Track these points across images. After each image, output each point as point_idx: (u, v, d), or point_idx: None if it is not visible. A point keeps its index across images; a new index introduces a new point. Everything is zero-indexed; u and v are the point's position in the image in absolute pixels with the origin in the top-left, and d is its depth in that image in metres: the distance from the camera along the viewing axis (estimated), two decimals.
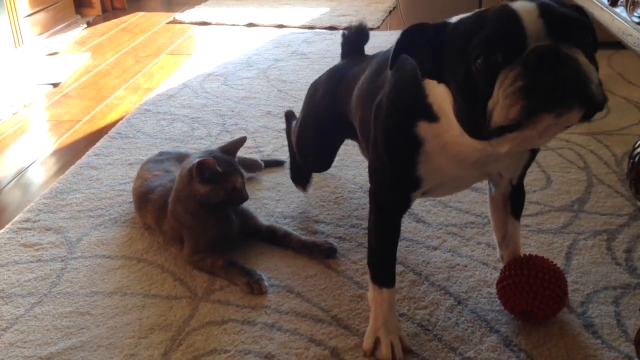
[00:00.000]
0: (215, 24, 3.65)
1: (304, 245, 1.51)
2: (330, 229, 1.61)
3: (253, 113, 2.33)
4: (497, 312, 1.30)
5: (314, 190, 1.78)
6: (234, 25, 3.60)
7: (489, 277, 1.40)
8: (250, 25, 3.58)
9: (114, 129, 2.23)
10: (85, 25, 3.68)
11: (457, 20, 0.94)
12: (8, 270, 1.49)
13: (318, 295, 1.37)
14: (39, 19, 3.33)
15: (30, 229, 1.65)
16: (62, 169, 2.00)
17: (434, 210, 1.67)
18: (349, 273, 1.44)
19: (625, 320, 1.26)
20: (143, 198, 1.60)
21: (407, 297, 1.36)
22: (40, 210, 1.73)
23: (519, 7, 0.86)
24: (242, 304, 1.36)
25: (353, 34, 1.56)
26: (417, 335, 1.25)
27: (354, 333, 1.26)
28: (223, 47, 3.18)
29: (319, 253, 1.50)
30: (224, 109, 2.37)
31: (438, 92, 0.98)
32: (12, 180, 1.96)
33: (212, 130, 2.19)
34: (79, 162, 2.00)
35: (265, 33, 3.42)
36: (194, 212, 1.48)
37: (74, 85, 2.76)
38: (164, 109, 2.39)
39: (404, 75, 1.05)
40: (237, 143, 1.56)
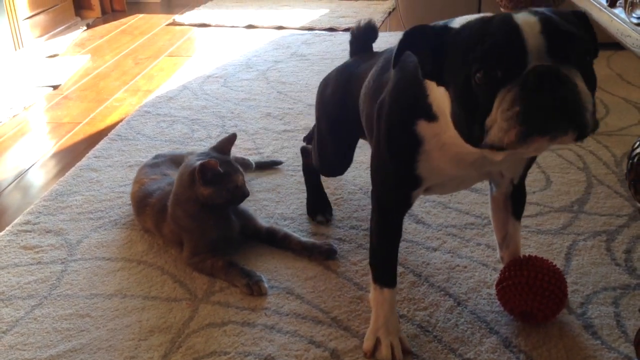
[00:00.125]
0: (215, 26, 3.66)
1: (304, 247, 1.51)
2: (330, 231, 1.62)
3: (253, 115, 2.33)
4: (496, 313, 1.30)
5: None
6: (234, 27, 3.61)
7: (489, 278, 1.41)
8: (250, 27, 3.59)
9: (114, 131, 2.23)
10: (85, 28, 3.68)
11: (460, 26, 0.93)
12: (8, 273, 1.49)
13: (318, 297, 1.38)
14: (39, 21, 3.33)
15: (30, 232, 1.65)
16: (62, 171, 2.00)
17: (434, 212, 1.67)
18: (349, 274, 1.44)
19: (625, 321, 1.26)
20: (141, 202, 1.60)
21: (407, 298, 1.36)
22: (40, 213, 1.73)
23: (522, 20, 0.85)
24: (242, 306, 1.36)
25: (362, 32, 1.55)
26: (417, 337, 1.25)
27: (354, 334, 1.26)
28: (222, 48, 3.18)
29: (319, 254, 1.50)
30: (224, 111, 2.37)
31: (438, 92, 0.98)
32: (12, 183, 1.97)
33: (211, 132, 2.19)
34: (79, 164, 2.00)
35: (265, 35, 3.42)
36: (194, 214, 1.48)
37: (74, 88, 2.76)
38: (164, 111, 2.39)
39: (407, 74, 1.05)
40: (228, 141, 1.55)
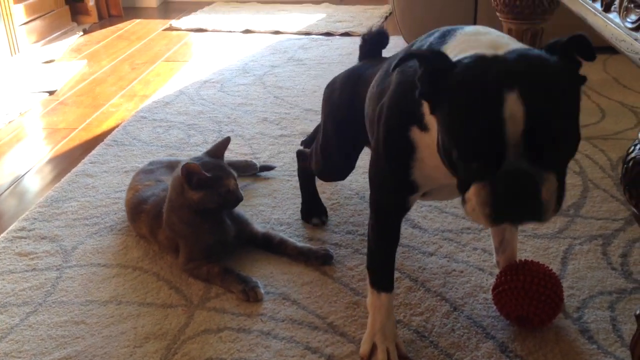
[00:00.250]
0: (212, 31, 3.66)
1: (300, 252, 1.51)
2: (327, 236, 1.61)
3: (249, 120, 2.33)
4: (493, 318, 1.30)
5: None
6: (230, 32, 3.61)
7: (485, 282, 1.40)
8: (247, 32, 3.59)
9: (110, 137, 2.23)
10: (82, 33, 3.68)
11: (460, 70, 0.89)
12: (3, 280, 1.48)
13: (314, 303, 1.37)
14: (35, 27, 3.33)
15: (26, 238, 1.64)
16: (57, 177, 1.99)
17: (430, 216, 1.67)
18: (345, 280, 1.44)
19: (621, 326, 1.26)
20: (136, 209, 1.60)
21: (403, 303, 1.35)
22: (36, 219, 1.73)
23: (509, 112, 0.83)
24: (237, 312, 1.35)
25: (373, 37, 1.53)
26: (413, 342, 1.25)
27: (350, 340, 1.26)
28: (219, 53, 3.18)
29: (315, 260, 1.49)
30: (220, 116, 2.37)
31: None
32: (7, 189, 1.96)
33: (208, 137, 2.19)
34: (75, 170, 2.00)
35: (262, 39, 3.42)
36: (189, 220, 1.47)
37: (70, 93, 2.76)
38: (160, 116, 2.39)
39: (406, 79, 1.05)
40: (221, 144, 1.54)
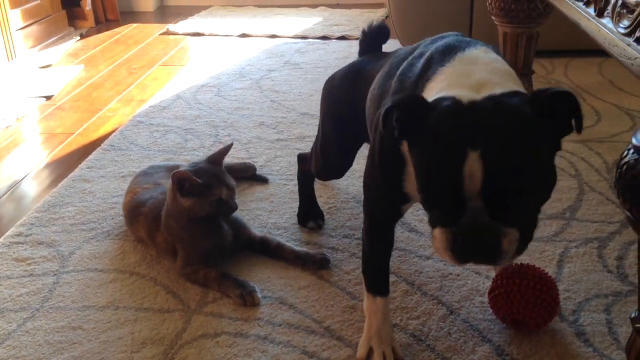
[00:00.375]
0: (209, 35, 3.67)
1: (297, 256, 1.51)
2: (323, 240, 1.62)
3: (246, 124, 2.33)
4: (489, 321, 1.30)
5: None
6: (227, 36, 3.62)
7: (481, 286, 1.41)
8: (243, 36, 3.60)
9: (107, 142, 2.23)
10: (79, 38, 3.69)
11: (433, 120, 0.90)
12: (0, 286, 1.49)
13: (311, 307, 1.37)
14: (32, 32, 3.33)
15: (23, 243, 1.65)
16: (54, 182, 1.99)
17: (427, 220, 1.67)
18: (342, 284, 1.44)
19: (617, 328, 1.27)
20: (134, 212, 1.60)
21: (399, 307, 1.36)
22: (33, 224, 1.73)
23: (468, 169, 0.84)
24: (234, 317, 1.35)
25: (374, 32, 1.52)
26: (409, 346, 1.25)
27: (347, 344, 1.26)
28: (216, 58, 3.19)
29: (312, 264, 1.50)
30: (217, 120, 2.37)
31: None
32: (4, 194, 1.96)
33: (205, 142, 2.19)
34: (72, 175, 2.00)
35: (258, 43, 3.43)
36: (185, 225, 1.48)
37: (67, 98, 2.76)
38: (157, 121, 2.39)
39: (403, 89, 1.06)
40: (222, 151, 1.54)
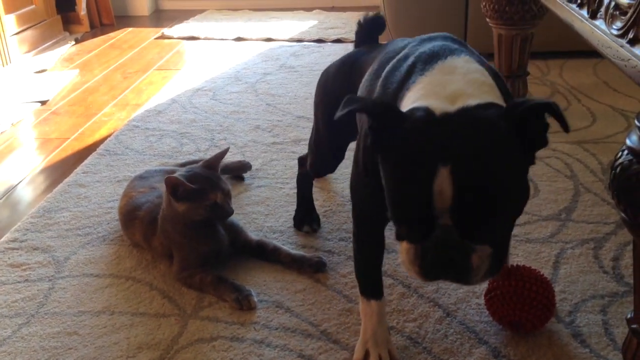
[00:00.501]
0: (204, 39, 3.67)
1: (293, 260, 1.51)
2: (320, 243, 1.61)
3: (242, 127, 2.33)
4: (485, 323, 1.30)
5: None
6: (223, 40, 3.62)
7: (478, 288, 1.40)
8: (239, 40, 3.60)
9: (103, 146, 2.22)
10: (74, 42, 3.68)
11: (405, 132, 0.88)
12: None
13: (307, 310, 1.37)
14: (27, 37, 3.33)
15: (18, 249, 1.64)
16: (50, 187, 1.99)
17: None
18: (338, 287, 1.44)
19: (613, 329, 1.27)
20: (130, 216, 1.60)
21: (396, 309, 1.36)
22: (28, 230, 1.72)
23: (438, 186, 0.83)
24: (231, 321, 1.35)
25: (369, 23, 1.52)
26: (406, 348, 1.25)
27: (344, 347, 1.26)
28: (211, 61, 3.19)
29: (308, 267, 1.50)
30: (213, 124, 2.37)
31: None
32: (0, 200, 1.96)
33: (200, 146, 2.19)
34: (67, 180, 2.00)
35: (254, 47, 3.43)
36: (182, 230, 1.47)
37: (62, 103, 2.75)
38: (153, 125, 2.39)
39: (385, 94, 1.05)
40: (218, 156, 1.54)
